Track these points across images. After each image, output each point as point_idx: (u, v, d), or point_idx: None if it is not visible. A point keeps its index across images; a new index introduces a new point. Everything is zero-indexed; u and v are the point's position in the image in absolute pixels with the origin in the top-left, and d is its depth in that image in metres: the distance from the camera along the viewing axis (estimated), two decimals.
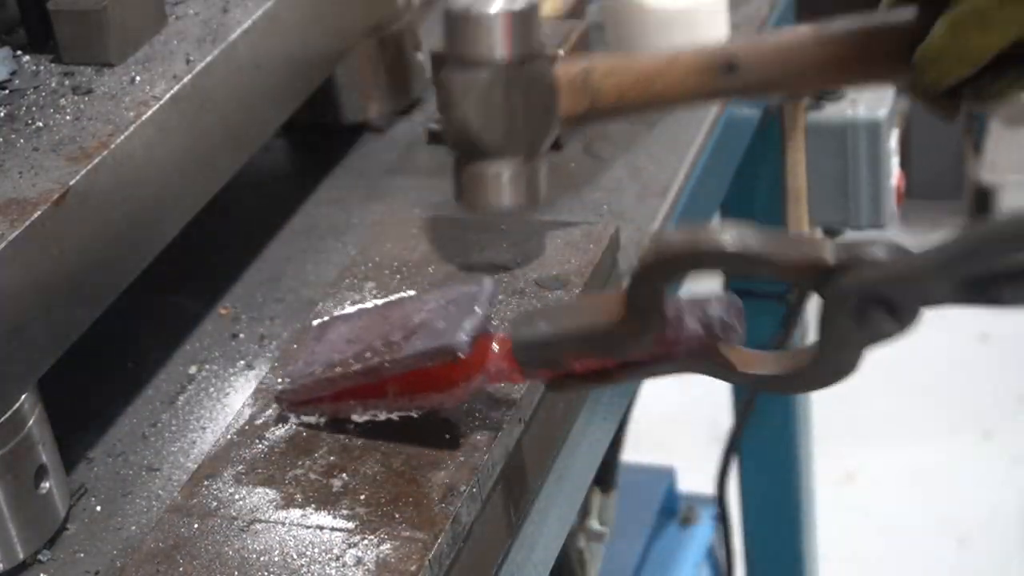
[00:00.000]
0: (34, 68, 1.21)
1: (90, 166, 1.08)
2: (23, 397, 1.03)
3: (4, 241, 1.00)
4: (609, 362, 1.01)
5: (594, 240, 1.22)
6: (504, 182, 1.20)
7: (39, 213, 1.03)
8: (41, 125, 1.13)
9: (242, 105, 1.25)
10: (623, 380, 1.01)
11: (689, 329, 0.96)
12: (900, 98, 1.61)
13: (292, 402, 1.07)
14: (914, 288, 0.89)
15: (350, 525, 0.98)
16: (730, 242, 0.91)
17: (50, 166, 1.08)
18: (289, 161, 1.53)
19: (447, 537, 0.97)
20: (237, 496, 1.01)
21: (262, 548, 0.97)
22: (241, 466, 1.04)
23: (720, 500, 2.15)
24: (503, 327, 1.07)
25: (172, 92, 1.16)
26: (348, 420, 1.06)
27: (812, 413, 2.17)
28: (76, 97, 1.16)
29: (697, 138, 1.47)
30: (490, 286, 1.05)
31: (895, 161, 1.75)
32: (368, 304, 1.14)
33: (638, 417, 1.94)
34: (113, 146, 1.10)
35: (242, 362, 1.25)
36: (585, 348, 0.99)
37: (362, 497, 1.00)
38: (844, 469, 3.11)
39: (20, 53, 1.23)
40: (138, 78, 1.18)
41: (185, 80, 1.18)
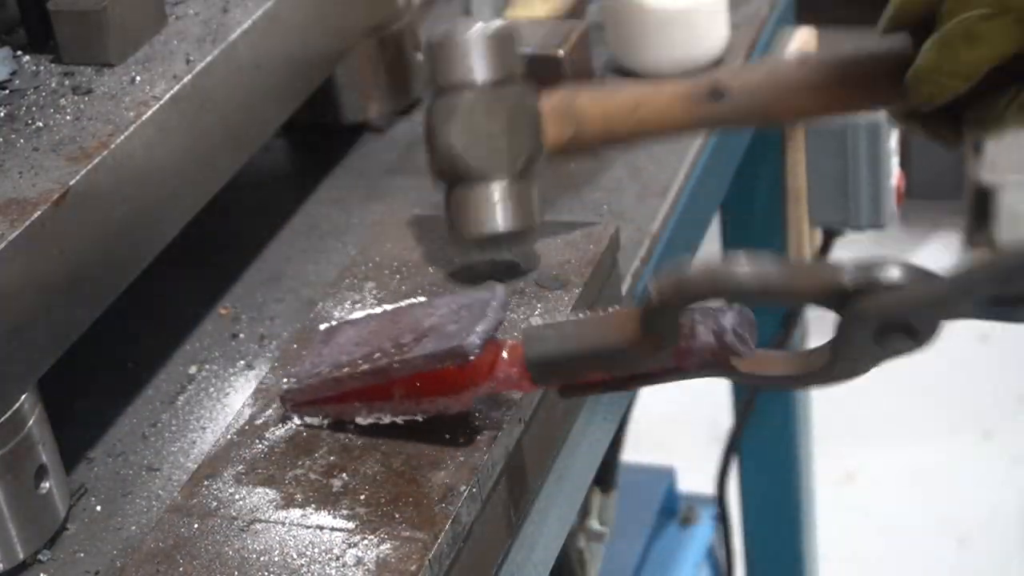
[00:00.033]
0: (34, 68, 1.21)
1: (90, 166, 1.08)
2: (23, 397, 1.03)
3: (4, 241, 1.00)
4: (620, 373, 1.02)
5: (594, 240, 1.22)
6: (494, 203, 1.18)
7: (39, 213, 1.03)
8: (41, 125, 1.13)
9: (242, 105, 1.25)
10: (633, 388, 1.02)
11: (702, 341, 0.97)
12: None
13: (296, 402, 1.07)
14: (934, 313, 0.90)
15: (350, 525, 0.98)
16: (748, 277, 0.91)
17: (50, 166, 1.08)
18: (289, 161, 1.53)
19: (447, 537, 0.97)
20: (237, 496, 1.01)
21: (262, 548, 0.97)
22: (241, 466, 1.04)
23: (720, 500, 2.15)
24: (509, 331, 1.07)
25: (172, 92, 1.16)
26: (351, 422, 1.06)
27: (812, 413, 2.17)
28: (76, 97, 1.16)
29: (697, 138, 1.47)
30: (502, 293, 1.06)
31: (895, 161, 1.75)
32: (377, 309, 1.14)
33: (638, 417, 1.94)
34: (113, 146, 1.10)
35: (242, 362, 1.25)
36: (599, 365, 1.01)
37: (362, 497, 1.00)
38: (844, 469, 3.11)
39: (20, 53, 1.23)
40: (138, 78, 1.18)
41: (185, 80, 1.18)
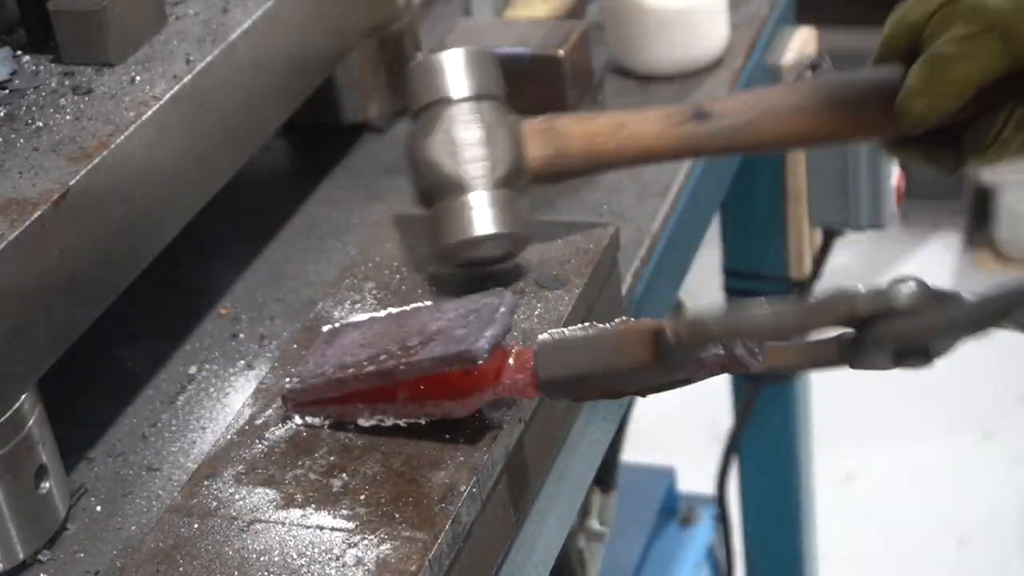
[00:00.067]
0: (34, 68, 1.21)
1: (90, 166, 1.08)
2: (23, 397, 1.03)
3: (4, 241, 1.00)
4: None
5: (594, 240, 1.22)
6: (476, 208, 1.16)
7: (39, 213, 1.03)
8: (41, 125, 1.13)
9: (242, 105, 1.25)
10: (640, 396, 1.04)
11: (713, 356, 0.98)
12: None
13: (298, 402, 1.07)
14: (950, 337, 0.94)
15: (350, 525, 0.98)
16: (765, 319, 0.93)
17: (50, 166, 1.08)
18: (289, 161, 1.53)
19: (447, 537, 0.97)
20: (237, 496, 1.01)
21: (262, 548, 0.97)
22: (241, 466, 1.04)
23: (720, 500, 2.15)
24: (512, 333, 1.08)
25: (172, 92, 1.16)
26: (352, 423, 1.06)
27: (812, 413, 2.17)
28: (76, 97, 1.16)
29: None
30: (511, 299, 1.06)
31: (895, 161, 1.75)
32: (381, 313, 1.14)
33: (638, 417, 1.94)
34: (113, 146, 1.10)
35: (242, 362, 1.25)
36: (610, 383, 1.02)
37: (362, 497, 1.00)
38: (844, 469, 3.11)
39: (20, 53, 1.23)
40: (138, 78, 1.18)
41: (185, 80, 1.18)
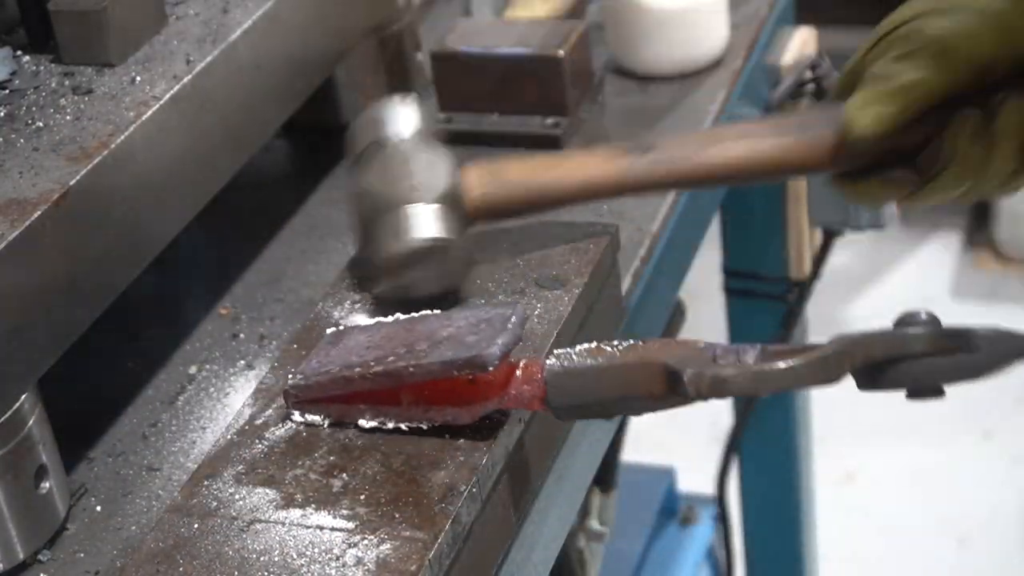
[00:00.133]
0: (34, 68, 1.21)
1: (90, 166, 1.08)
2: (23, 397, 1.03)
3: (4, 241, 1.00)
4: None
5: (594, 240, 1.22)
6: (414, 217, 1.15)
7: (39, 213, 1.03)
8: (41, 125, 1.13)
9: (242, 105, 1.25)
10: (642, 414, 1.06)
11: None
12: None
13: (300, 399, 1.07)
14: (963, 378, 1.02)
15: (350, 525, 0.98)
16: (787, 378, 0.97)
17: (50, 166, 1.08)
18: (289, 161, 1.53)
19: (447, 537, 0.97)
20: (237, 496, 1.01)
21: (262, 548, 0.97)
22: (241, 466, 1.04)
23: (720, 500, 2.15)
24: (528, 344, 1.08)
25: (172, 92, 1.16)
26: (353, 423, 1.06)
27: (812, 413, 2.17)
28: (76, 97, 1.16)
29: None
30: (521, 310, 1.06)
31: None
32: (388, 318, 1.14)
33: (638, 417, 1.94)
34: (113, 146, 1.10)
35: (242, 362, 1.25)
36: (620, 409, 1.06)
37: (362, 497, 1.00)
38: (844, 469, 3.11)
39: (20, 53, 1.23)
40: (138, 78, 1.18)
41: (185, 80, 1.18)
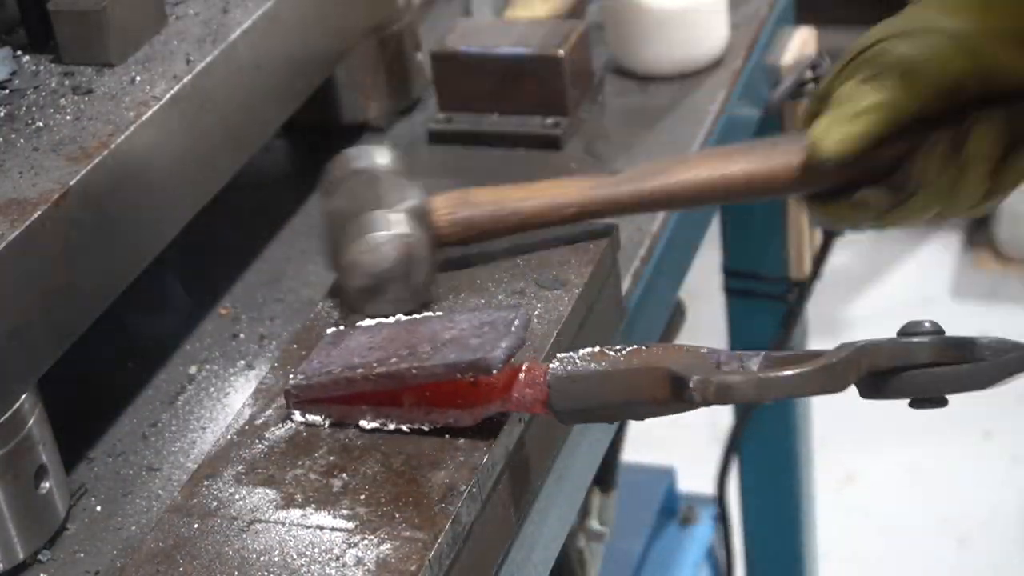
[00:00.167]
0: (34, 68, 1.21)
1: (90, 166, 1.08)
2: (23, 397, 1.03)
3: (4, 241, 1.00)
4: None
5: (594, 240, 1.22)
6: (382, 220, 1.16)
7: (39, 213, 1.03)
8: (41, 125, 1.13)
9: (242, 105, 1.25)
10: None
11: None
12: None
13: (301, 399, 1.07)
14: (967, 388, 1.02)
15: (350, 525, 0.98)
16: (792, 385, 0.97)
17: (50, 166, 1.08)
18: (289, 161, 1.53)
19: (447, 537, 0.97)
20: (237, 496, 1.01)
21: (262, 548, 0.97)
22: (241, 466, 1.04)
23: (720, 500, 2.15)
24: (530, 346, 1.08)
25: (172, 92, 1.16)
26: (354, 424, 1.06)
27: (812, 413, 2.17)
28: (76, 97, 1.16)
29: (697, 138, 1.47)
30: (525, 313, 1.07)
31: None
32: (390, 319, 1.14)
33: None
34: (113, 146, 1.10)
35: (242, 362, 1.25)
36: (624, 413, 1.05)
37: (362, 497, 1.00)
38: (844, 469, 3.11)
39: (20, 53, 1.23)
40: (138, 78, 1.18)
41: (185, 80, 1.18)
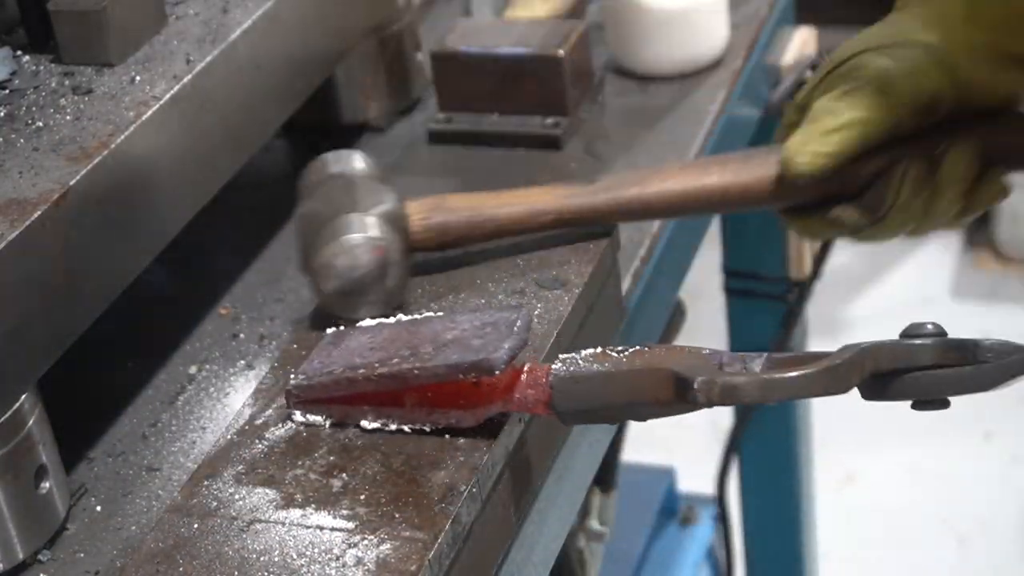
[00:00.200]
0: (34, 68, 1.21)
1: (90, 166, 1.08)
2: (23, 397, 1.03)
3: (4, 241, 1.00)
4: None
5: (594, 240, 1.22)
6: (355, 222, 1.16)
7: (39, 213, 1.03)
8: (41, 125, 1.13)
9: (242, 105, 1.25)
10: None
11: None
12: None
13: (302, 399, 1.07)
14: (968, 390, 1.02)
15: (350, 525, 0.98)
16: (796, 386, 0.97)
17: (50, 166, 1.08)
18: (289, 161, 1.53)
19: (447, 537, 0.97)
20: (237, 496, 1.01)
21: (262, 548, 0.97)
22: (241, 466, 1.04)
23: (720, 500, 2.15)
24: (531, 346, 1.08)
25: (172, 92, 1.16)
26: (355, 424, 1.06)
27: (812, 413, 2.17)
28: (76, 97, 1.16)
29: (697, 138, 1.47)
30: (527, 314, 1.07)
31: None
32: (390, 319, 1.14)
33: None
34: (113, 146, 1.10)
35: (242, 362, 1.25)
36: (626, 414, 1.05)
37: (362, 497, 1.00)
38: (844, 469, 3.11)
39: (20, 53, 1.23)
40: (138, 78, 1.18)
41: (185, 80, 1.18)
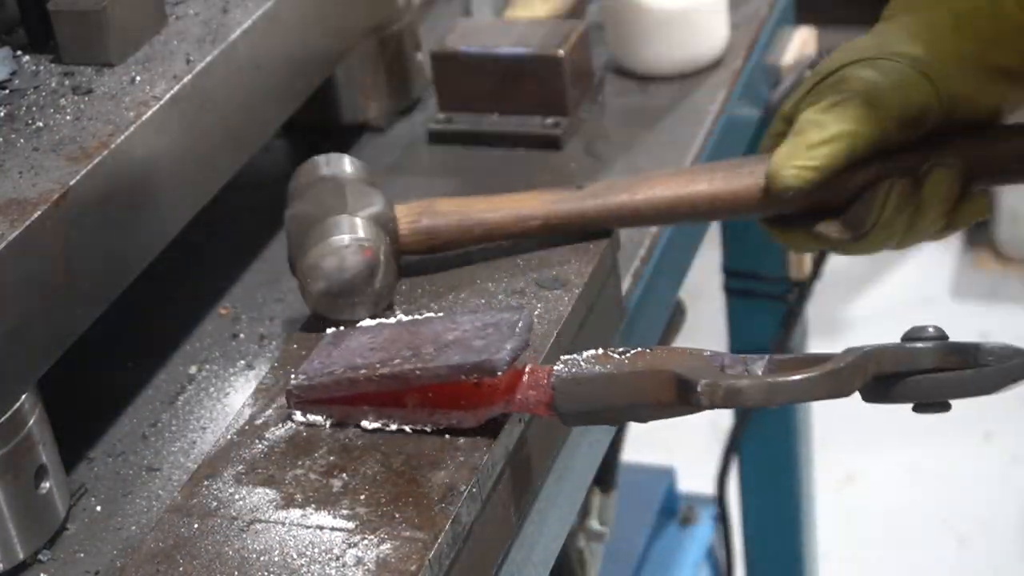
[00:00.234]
0: (34, 68, 1.21)
1: (90, 166, 1.08)
2: (23, 397, 1.03)
3: (4, 241, 1.00)
4: None
5: (594, 240, 1.22)
6: (344, 224, 1.16)
7: (39, 213, 1.03)
8: (41, 125, 1.13)
9: (242, 105, 1.25)
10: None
11: None
12: None
13: (303, 399, 1.07)
14: (969, 393, 1.01)
15: (350, 525, 0.98)
16: (800, 390, 0.97)
17: (50, 166, 1.08)
18: (289, 161, 1.53)
19: (447, 537, 0.97)
20: (237, 496, 1.01)
21: (262, 548, 0.97)
22: (241, 466, 1.04)
23: (720, 500, 2.15)
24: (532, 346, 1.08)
25: (172, 92, 1.16)
26: (355, 424, 1.06)
27: (812, 413, 2.17)
28: (76, 97, 1.16)
29: (697, 138, 1.47)
30: (528, 315, 1.07)
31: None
32: (391, 319, 1.14)
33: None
34: (113, 146, 1.10)
35: (242, 362, 1.25)
36: (628, 416, 1.05)
37: (362, 497, 1.00)
38: (844, 469, 3.11)
39: (20, 53, 1.23)
40: (138, 78, 1.18)
41: (185, 80, 1.18)
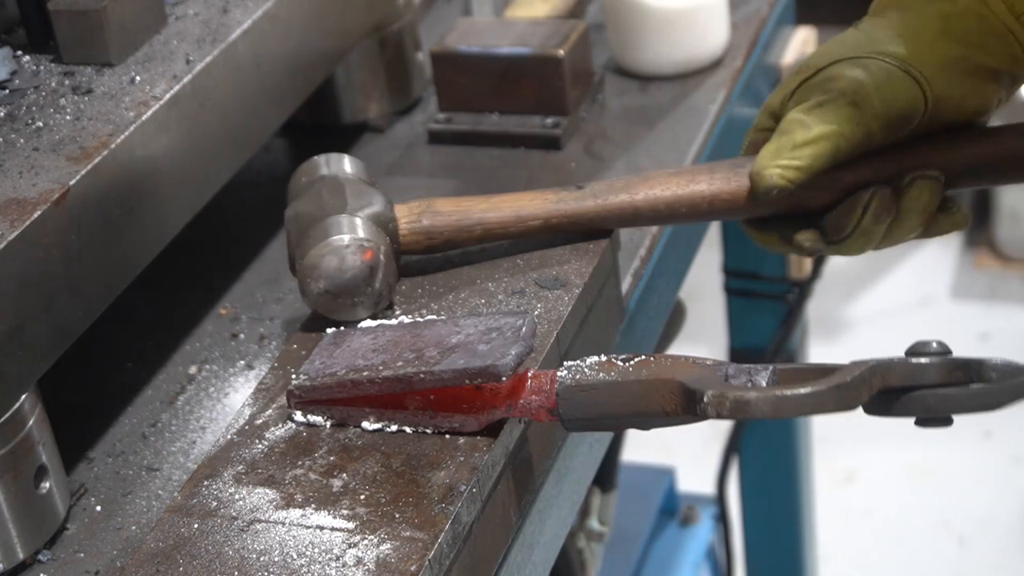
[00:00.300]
0: (34, 68, 1.21)
1: (90, 166, 1.08)
2: (23, 397, 1.03)
3: (4, 241, 1.00)
4: None
5: (594, 240, 1.22)
6: (344, 223, 1.16)
7: (39, 213, 1.03)
8: (41, 125, 1.13)
9: (242, 105, 1.25)
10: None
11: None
12: None
13: (304, 400, 1.07)
14: (972, 409, 0.98)
15: (350, 525, 0.98)
16: (807, 403, 0.96)
17: (50, 166, 1.08)
18: (289, 161, 1.53)
19: (447, 537, 0.97)
20: (237, 496, 1.01)
21: (262, 548, 0.97)
22: (241, 466, 1.04)
23: (720, 500, 2.15)
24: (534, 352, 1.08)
25: (172, 92, 1.16)
26: (356, 425, 1.06)
27: None
28: (76, 97, 1.16)
29: (697, 138, 1.47)
30: (532, 320, 1.07)
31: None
32: (392, 321, 1.14)
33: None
34: (113, 146, 1.10)
35: (242, 362, 1.25)
36: (631, 423, 1.05)
37: (362, 497, 1.00)
38: (844, 469, 3.11)
39: (20, 53, 1.23)
40: (138, 78, 1.18)
41: (185, 80, 1.18)
